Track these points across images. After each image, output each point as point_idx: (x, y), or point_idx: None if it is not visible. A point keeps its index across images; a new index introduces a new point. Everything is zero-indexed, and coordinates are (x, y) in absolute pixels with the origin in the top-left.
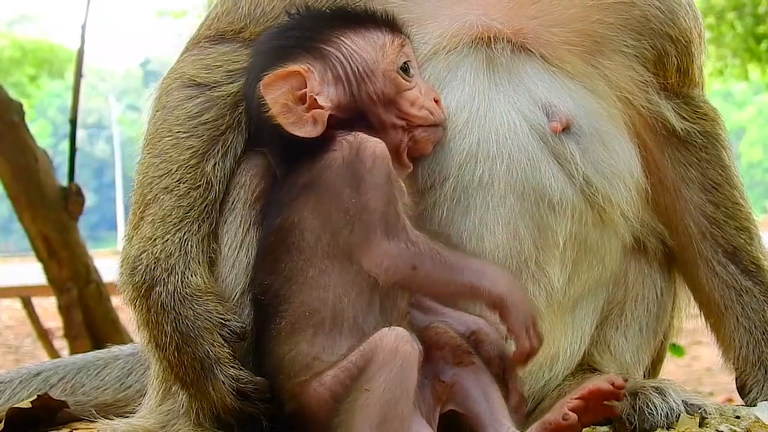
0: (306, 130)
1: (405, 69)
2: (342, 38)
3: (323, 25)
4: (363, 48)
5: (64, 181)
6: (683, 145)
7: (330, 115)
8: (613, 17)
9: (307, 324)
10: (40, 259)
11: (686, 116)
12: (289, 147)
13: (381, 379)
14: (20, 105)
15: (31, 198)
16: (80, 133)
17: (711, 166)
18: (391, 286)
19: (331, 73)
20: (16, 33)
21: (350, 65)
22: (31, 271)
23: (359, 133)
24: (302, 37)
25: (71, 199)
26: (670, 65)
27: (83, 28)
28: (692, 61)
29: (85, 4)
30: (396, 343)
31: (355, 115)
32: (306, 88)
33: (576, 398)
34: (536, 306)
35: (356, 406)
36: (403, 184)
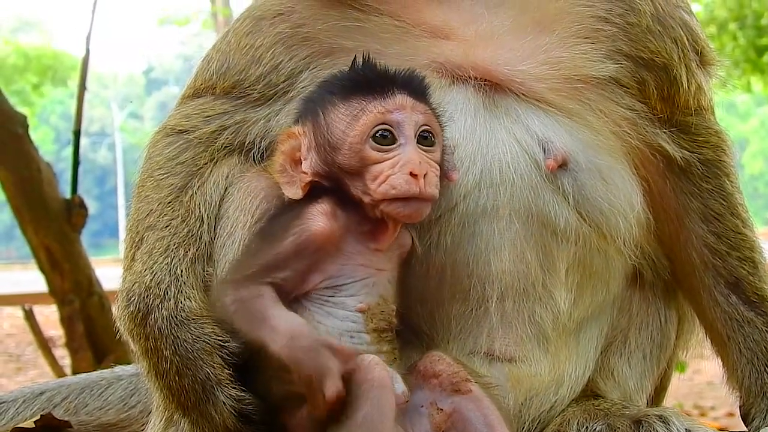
0: (292, 191)
1: (380, 138)
2: (331, 103)
3: (329, 87)
4: (340, 117)
5: (66, 191)
6: (684, 174)
7: (313, 181)
8: (581, 44)
9: None
10: (43, 270)
11: (685, 145)
12: None
13: (359, 409)
14: (24, 117)
15: (33, 209)
16: (82, 141)
17: (712, 196)
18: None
19: (315, 140)
20: (20, 40)
21: (327, 134)
22: (32, 279)
23: (326, 201)
24: (311, 99)
25: (74, 211)
26: (651, 93)
27: (88, 39)
28: (678, 88)
29: (90, 12)
30: (369, 369)
31: (332, 184)
32: (301, 150)
33: None
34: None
35: None
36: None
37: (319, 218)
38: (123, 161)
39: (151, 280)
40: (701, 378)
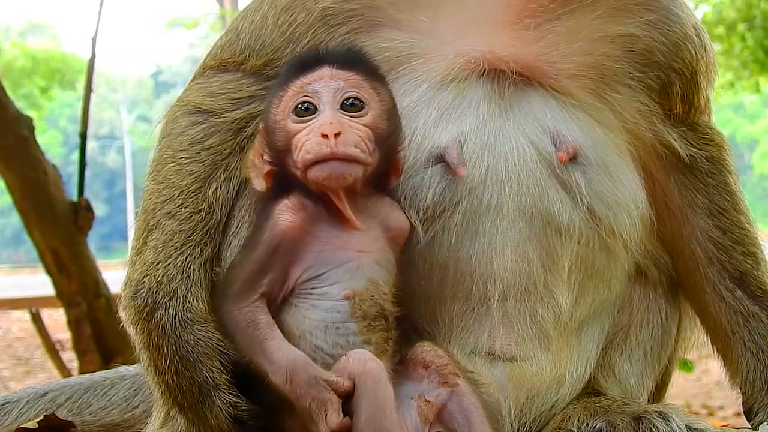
0: (258, 183)
1: (302, 111)
2: (271, 92)
3: (278, 79)
4: (273, 100)
5: (73, 194)
6: (689, 170)
7: (271, 170)
8: (618, 51)
9: None
10: (50, 273)
11: (692, 142)
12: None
13: (360, 411)
14: (30, 120)
15: (40, 212)
16: (91, 144)
17: (717, 192)
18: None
19: (264, 130)
20: (28, 43)
21: (266, 120)
22: (40, 282)
23: (292, 196)
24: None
25: (81, 213)
26: (675, 95)
27: (93, 41)
28: (698, 91)
29: (96, 15)
30: (361, 364)
31: (281, 169)
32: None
33: None
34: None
35: None
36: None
37: (284, 214)
38: (132, 164)
39: (163, 275)
40: (709, 378)
